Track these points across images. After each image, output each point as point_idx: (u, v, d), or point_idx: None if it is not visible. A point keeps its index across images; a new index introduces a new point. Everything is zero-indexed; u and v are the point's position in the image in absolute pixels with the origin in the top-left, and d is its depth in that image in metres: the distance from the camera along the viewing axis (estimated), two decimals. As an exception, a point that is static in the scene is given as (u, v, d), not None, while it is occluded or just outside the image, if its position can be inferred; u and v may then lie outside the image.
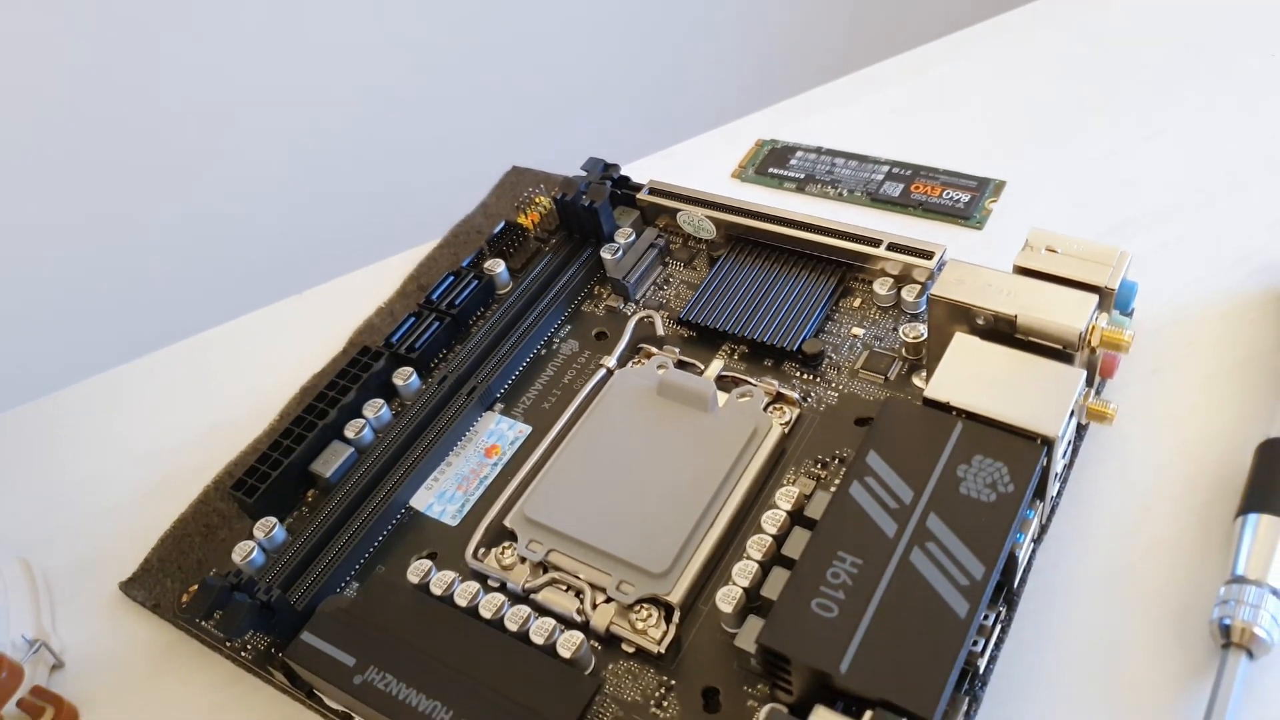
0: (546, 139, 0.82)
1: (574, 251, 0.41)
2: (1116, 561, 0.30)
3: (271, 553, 0.33)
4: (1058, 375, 0.28)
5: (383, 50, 0.86)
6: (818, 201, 0.43)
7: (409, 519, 0.34)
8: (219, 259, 0.85)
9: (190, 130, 0.80)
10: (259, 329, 0.44)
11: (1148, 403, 0.33)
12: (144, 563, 0.35)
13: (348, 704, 0.28)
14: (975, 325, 0.30)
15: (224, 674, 0.32)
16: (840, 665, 0.23)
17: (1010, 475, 0.26)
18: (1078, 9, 0.50)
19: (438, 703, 0.26)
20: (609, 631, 0.29)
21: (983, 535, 0.25)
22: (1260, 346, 0.34)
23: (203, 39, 0.78)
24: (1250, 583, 0.27)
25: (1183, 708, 0.27)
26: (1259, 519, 0.28)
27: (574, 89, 0.97)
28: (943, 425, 0.28)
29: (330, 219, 0.88)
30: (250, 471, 0.34)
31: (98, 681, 0.33)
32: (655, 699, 0.28)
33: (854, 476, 0.27)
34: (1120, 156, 0.42)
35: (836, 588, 0.25)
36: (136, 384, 0.43)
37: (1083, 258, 0.30)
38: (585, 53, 0.97)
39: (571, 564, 0.31)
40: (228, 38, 0.79)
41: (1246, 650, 0.26)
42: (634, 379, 0.35)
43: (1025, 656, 0.28)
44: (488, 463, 0.35)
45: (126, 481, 0.39)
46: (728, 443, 0.32)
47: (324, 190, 0.88)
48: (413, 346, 0.38)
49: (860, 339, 0.36)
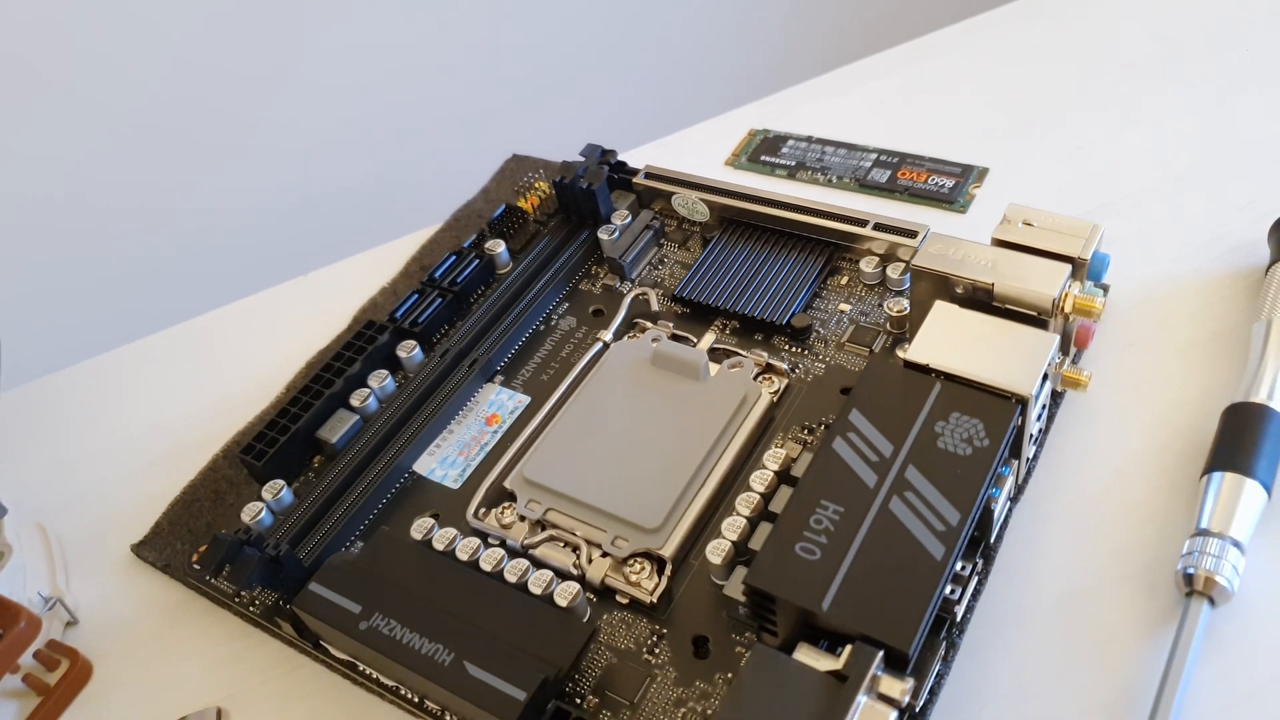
0: (545, 129, 0.85)
1: (572, 233, 0.42)
2: (1089, 520, 0.31)
3: (279, 514, 0.34)
4: (1032, 339, 0.30)
5: (389, 44, 0.89)
6: (808, 187, 0.45)
7: (412, 483, 0.35)
8: (226, 242, 0.88)
9: (203, 125, 0.84)
10: (265, 309, 0.45)
11: (1121, 373, 0.35)
12: (154, 526, 0.36)
13: (353, 650, 0.30)
14: (955, 294, 0.32)
15: (232, 629, 0.33)
16: (822, 603, 0.25)
17: (986, 431, 0.28)
18: (1059, 6, 0.51)
19: (440, 645, 0.27)
20: (604, 584, 0.30)
21: (958, 485, 0.27)
22: (1229, 321, 0.36)
23: (215, 32, 0.80)
24: (1213, 535, 0.28)
25: (1149, 653, 0.28)
26: (1223, 477, 0.30)
27: (573, 81, 1.00)
28: (922, 385, 0.29)
29: (335, 205, 0.91)
30: (259, 437, 0.35)
31: (110, 637, 0.34)
32: (647, 646, 0.29)
33: (837, 432, 0.29)
34: (1098, 145, 0.43)
35: (819, 533, 0.26)
36: (147, 361, 0.44)
37: (1057, 231, 0.32)
38: (584, 47, 1.00)
39: (568, 522, 0.32)
40: (241, 31, 0.81)
41: (1208, 598, 0.28)
42: (629, 351, 0.37)
43: (1002, 607, 0.29)
44: (488, 430, 0.36)
45: (137, 452, 0.40)
46: (718, 409, 0.34)
47: (329, 176, 0.91)
48: (416, 321, 0.39)
49: (847, 314, 0.37)
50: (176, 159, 0.83)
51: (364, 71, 0.89)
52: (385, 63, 0.90)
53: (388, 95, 0.91)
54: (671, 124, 0.50)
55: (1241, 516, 0.29)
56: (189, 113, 0.83)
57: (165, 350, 0.44)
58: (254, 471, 0.35)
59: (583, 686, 0.29)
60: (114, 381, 0.43)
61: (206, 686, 0.32)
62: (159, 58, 0.79)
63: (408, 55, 0.90)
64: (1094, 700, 0.27)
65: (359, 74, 0.89)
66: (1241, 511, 0.29)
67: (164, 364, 0.44)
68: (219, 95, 0.84)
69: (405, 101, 0.92)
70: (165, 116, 0.82)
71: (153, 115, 0.81)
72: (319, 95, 0.88)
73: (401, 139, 0.93)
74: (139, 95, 0.80)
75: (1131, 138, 0.43)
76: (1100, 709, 0.27)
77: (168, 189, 0.84)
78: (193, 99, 0.82)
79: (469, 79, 0.94)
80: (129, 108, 0.80)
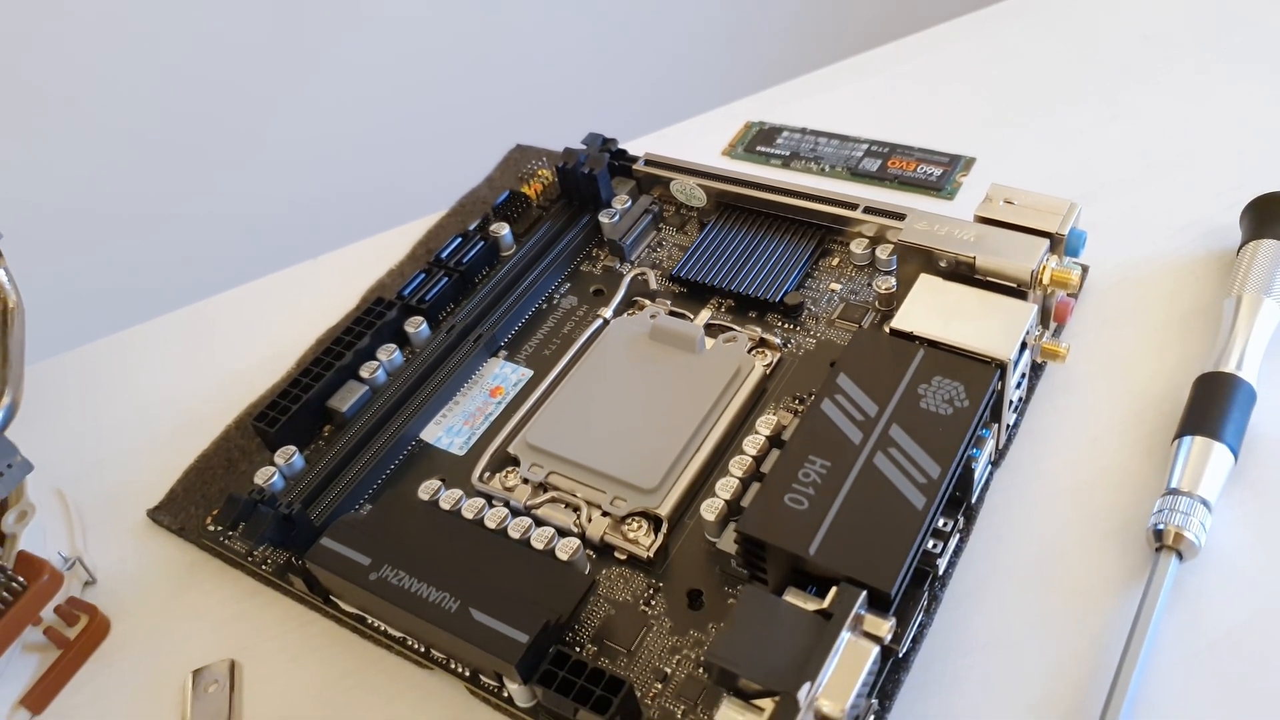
0: (549, 122, 0.88)
1: (574, 217, 0.44)
2: (1067, 483, 0.33)
3: (290, 478, 0.35)
4: (1012, 309, 0.31)
5: (399, 39, 0.94)
6: (801, 176, 0.46)
7: (419, 450, 0.37)
8: (240, 227, 0.93)
9: (222, 120, 0.89)
10: (277, 290, 0.47)
11: (1100, 348, 0.36)
12: (170, 492, 0.38)
13: (362, 602, 0.31)
14: (939, 268, 0.33)
15: (245, 588, 0.35)
16: (810, 548, 0.26)
17: (966, 393, 0.29)
18: (1044, 6, 0.53)
19: (446, 594, 0.29)
20: (603, 541, 0.32)
21: (940, 442, 0.28)
22: (1203, 300, 0.37)
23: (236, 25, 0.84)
24: (1183, 494, 0.30)
25: (1121, 604, 0.29)
26: (1192, 440, 0.31)
27: (576, 77, 1.05)
28: (907, 351, 0.31)
29: (344, 193, 0.95)
30: (272, 405, 0.37)
31: (127, 596, 0.35)
32: (644, 599, 0.31)
33: (825, 394, 0.30)
34: (1081, 138, 0.45)
35: (807, 485, 0.28)
36: (162, 339, 0.45)
37: (1036, 208, 0.33)
38: (587, 44, 1.05)
39: (569, 484, 0.33)
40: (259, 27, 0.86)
41: (1177, 552, 0.29)
42: (629, 326, 0.38)
43: (983, 564, 0.31)
44: (492, 402, 0.38)
45: (152, 425, 0.41)
46: (713, 379, 0.35)
47: (338, 166, 0.96)
48: (423, 299, 0.41)
49: (837, 293, 0.39)
50: (194, 152, 0.89)
51: (375, 68, 0.94)
52: (396, 60, 0.94)
53: (396, 90, 0.96)
54: (671, 117, 0.52)
55: (1210, 477, 0.30)
56: (211, 109, 0.88)
57: (180, 329, 0.46)
58: (266, 438, 0.36)
59: (582, 636, 0.30)
60: (130, 358, 0.45)
61: (220, 641, 0.33)
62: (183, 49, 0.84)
63: (418, 52, 0.95)
64: (1069, 649, 0.29)
65: (370, 71, 0.94)
66: (1210, 473, 0.30)
67: (179, 342, 0.45)
68: (233, 94, 0.88)
69: (413, 95, 0.97)
70: (188, 111, 0.87)
71: (177, 109, 0.86)
72: (330, 91, 0.93)
73: (409, 130, 0.98)
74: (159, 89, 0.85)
75: (1112, 130, 0.45)
76: (1075, 656, 0.29)
77: (186, 178, 0.89)
78: (212, 94, 0.87)
79: (474, 73, 0.99)
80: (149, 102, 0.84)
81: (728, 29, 1.10)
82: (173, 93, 0.86)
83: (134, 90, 0.84)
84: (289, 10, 0.87)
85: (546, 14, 1.00)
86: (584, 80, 1.05)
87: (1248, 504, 0.31)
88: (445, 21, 0.95)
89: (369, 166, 0.97)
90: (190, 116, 0.87)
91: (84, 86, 0.81)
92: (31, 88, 0.79)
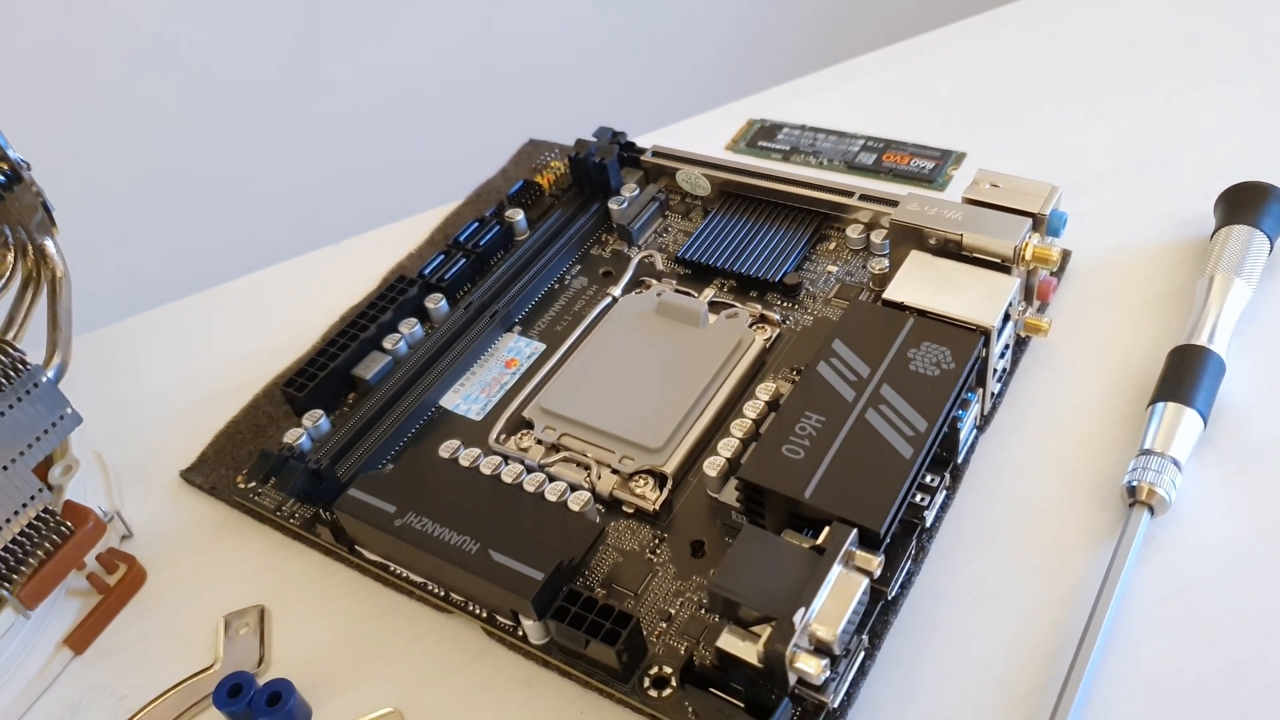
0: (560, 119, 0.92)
1: (584, 204, 0.46)
2: (1049, 446, 0.35)
3: (317, 440, 0.38)
4: (996, 282, 0.34)
5: (420, 43, 1.01)
6: (801, 169, 0.49)
7: (438, 415, 0.39)
8: (266, 213, 0.99)
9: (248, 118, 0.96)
10: (303, 271, 0.49)
11: (1081, 326, 0.38)
12: (201, 455, 0.40)
13: (387, 548, 0.33)
14: (929, 245, 0.36)
15: (273, 541, 0.37)
16: (805, 492, 0.28)
17: (953, 356, 0.32)
18: (1033, 13, 0.56)
19: (467, 538, 0.31)
20: (612, 496, 0.34)
21: (927, 399, 0.30)
22: (1178, 282, 0.39)
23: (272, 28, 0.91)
24: (1155, 454, 0.32)
25: (1097, 555, 0.31)
26: (1165, 406, 0.33)
27: (586, 78, 1.12)
28: (897, 320, 0.33)
29: (365, 184, 1.02)
30: (300, 373, 0.39)
31: (161, 549, 0.37)
32: (650, 548, 0.33)
33: (820, 358, 0.32)
34: (1067, 133, 0.48)
35: (804, 437, 0.30)
36: (193, 315, 0.48)
37: (1020, 191, 0.36)
38: (596, 47, 1.11)
39: (580, 445, 0.35)
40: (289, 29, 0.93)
41: (1149, 507, 0.31)
42: (637, 303, 0.40)
43: (968, 519, 0.33)
44: (507, 372, 0.40)
45: (184, 395, 0.43)
46: (716, 350, 0.37)
47: (359, 156, 1.03)
48: (442, 278, 0.43)
49: (834, 275, 0.41)
50: (231, 150, 0.96)
51: (397, 70, 1.01)
52: (416, 63, 1.01)
53: (416, 87, 1.03)
54: (677, 115, 0.54)
55: (1181, 439, 0.32)
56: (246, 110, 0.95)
57: (211, 307, 0.48)
58: (294, 403, 0.39)
59: (592, 580, 0.32)
60: (163, 332, 0.47)
61: (249, 591, 0.35)
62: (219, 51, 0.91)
63: (438, 55, 1.02)
64: (1048, 596, 0.31)
65: (392, 72, 1.01)
66: (1181, 435, 0.32)
67: (209, 319, 0.47)
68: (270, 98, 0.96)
69: (432, 91, 1.04)
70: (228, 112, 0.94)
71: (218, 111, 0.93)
72: (355, 93, 1.00)
73: (428, 125, 1.05)
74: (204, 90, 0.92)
75: (1096, 128, 0.48)
76: (1052, 603, 0.31)
77: (222, 169, 0.97)
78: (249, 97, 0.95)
79: (490, 73, 1.06)
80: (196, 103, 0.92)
81: (732, 33, 1.17)
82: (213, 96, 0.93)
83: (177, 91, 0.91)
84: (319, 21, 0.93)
85: (560, 20, 1.06)
86: (594, 81, 1.12)
87: (1215, 466, 0.33)
88: (462, 26, 1.01)
89: (389, 160, 1.04)
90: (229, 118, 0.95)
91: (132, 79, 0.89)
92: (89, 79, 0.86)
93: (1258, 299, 0.38)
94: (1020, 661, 0.29)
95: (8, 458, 0.31)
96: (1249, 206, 0.39)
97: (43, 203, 0.34)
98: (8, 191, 0.33)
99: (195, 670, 0.33)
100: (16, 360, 0.30)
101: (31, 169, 0.33)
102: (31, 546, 0.32)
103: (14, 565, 0.31)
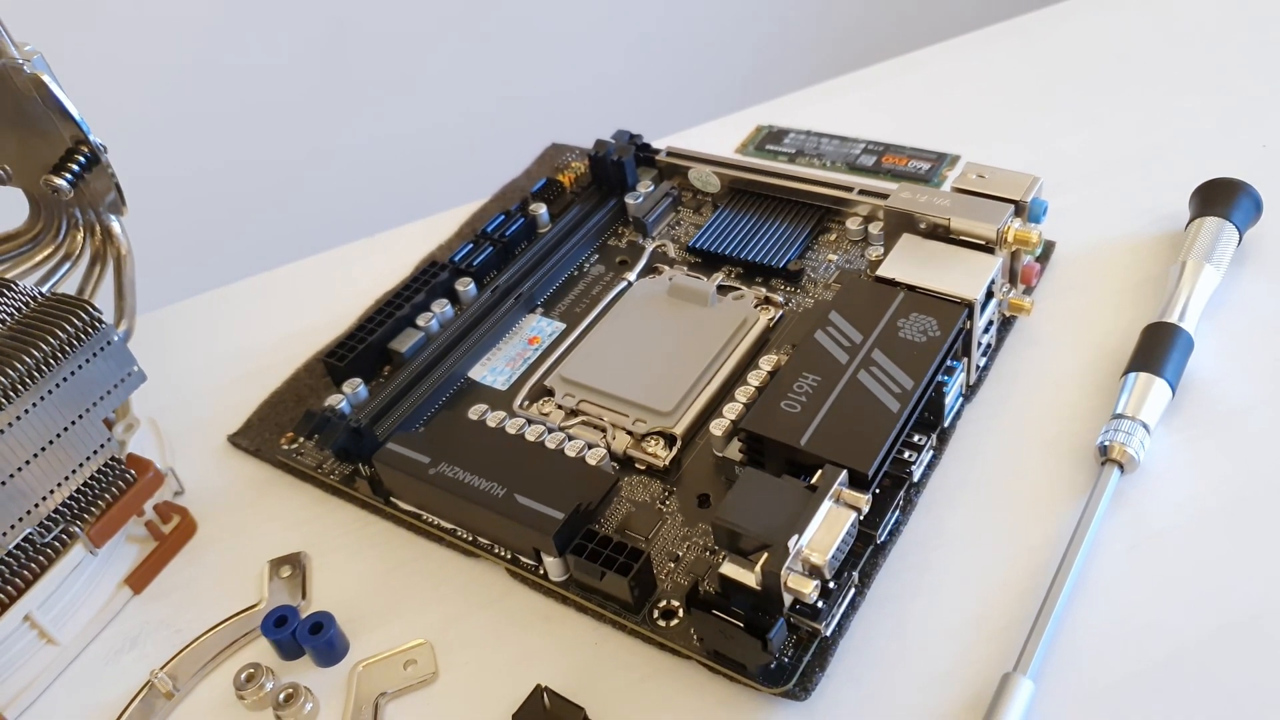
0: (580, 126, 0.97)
1: (603, 199, 0.49)
2: (1030, 414, 0.38)
3: (356, 406, 0.41)
4: (980, 261, 0.37)
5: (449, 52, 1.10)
6: (805, 169, 0.52)
7: (467, 386, 0.42)
8: (305, 208, 1.07)
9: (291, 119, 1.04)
10: (342, 260, 0.53)
11: (1063, 310, 0.41)
12: (246, 421, 0.43)
13: (421, 496, 0.36)
14: (919, 229, 0.39)
15: (313, 497, 0.40)
16: (802, 440, 0.31)
17: (939, 326, 0.35)
18: (1024, 30, 0.59)
19: (495, 483, 0.34)
20: (625, 454, 0.37)
21: (914, 362, 0.33)
22: (1155, 271, 0.42)
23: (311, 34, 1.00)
24: (1126, 418, 0.35)
25: (1070, 509, 0.34)
26: (1137, 376, 0.36)
27: (603, 86, 1.21)
28: (888, 294, 0.36)
29: (401, 183, 1.11)
30: (340, 345, 0.42)
31: (211, 504, 0.40)
32: (660, 499, 0.36)
33: (817, 327, 0.35)
34: (1055, 138, 0.51)
35: (801, 394, 0.33)
36: (241, 299, 0.51)
37: (1004, 181, 0.39)
38: (614, 58, 1.21)
39: (597, 410, 0.39)
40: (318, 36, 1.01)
41: (1119, 465, 0.34)
42: (650, 285, 0.44)
43: (952, 476, 0.36)
44: (530, 349, 0.43)
45: (230, 370, 0.47)
46: (723, 327, 0.41)
47: (390, 161, 1.11)
48: (470, 264, 0.46)
49: (834, 262, 0.44)
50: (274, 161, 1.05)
51: (426, 79, 1.10)
52: (444, 70, 1.11)
53: (447, 95, 1.12)
54: (689, 121, 0.58)
55: (1150, 405, 0.35)
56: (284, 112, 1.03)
57: (256, 292, 0.51)
58: (335, 373, 0.42)
59: (607, 527, 0.35)
60: (212, 315, 0.50)
61: (292, 540, 0.38)
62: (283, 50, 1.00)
63: (465, 64, 1.12)
64: (1025, 544, 0.34)
65: (422, 81, 1.10)
66: (1151, 402, 0.35)
67: (254, 302, 0.51)
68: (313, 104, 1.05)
69: (462, 98, 1.13)
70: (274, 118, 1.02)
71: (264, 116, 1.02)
72: (386, 99, 1.09)
73: (458, 129, 1.13)
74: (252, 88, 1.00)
75: (1082, 132, 0.51)
76: (1030, 550, 0.33)
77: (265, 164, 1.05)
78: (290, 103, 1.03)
79: (514, 81, 1.15)
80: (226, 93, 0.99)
81: (743, 46, 1.25)
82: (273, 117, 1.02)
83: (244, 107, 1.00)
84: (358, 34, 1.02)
85: (580, 30, 1.15)
86: (611, 89, 1.21)
87: (1181, 432, 0.36)
88: (488, 34, 1.11)
89: (421, 163, 1.13)
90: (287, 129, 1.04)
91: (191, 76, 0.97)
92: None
93: (1226, 284, 0.40)
94: (998, 600, 0.32)
95: (82, 408, 0.34)
96: (1221, 200, 0.42)
97: (116, 184, 0.38)
98: (87, 173, 0.37)
99: (243, 608, 0.36)
100: (95, 318, 0.34)
101: (108, 151, 0.37)
102: (100, 490, 0.35)
103: (85, 506, 0.35)
